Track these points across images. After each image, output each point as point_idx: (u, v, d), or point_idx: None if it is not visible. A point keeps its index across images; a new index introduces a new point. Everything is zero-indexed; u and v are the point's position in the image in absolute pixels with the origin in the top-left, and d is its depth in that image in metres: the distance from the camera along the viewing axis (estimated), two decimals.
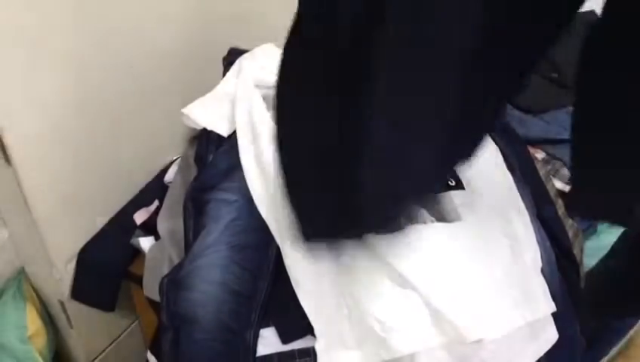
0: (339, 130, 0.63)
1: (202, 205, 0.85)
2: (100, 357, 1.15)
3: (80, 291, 1.03)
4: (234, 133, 0.93)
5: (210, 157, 0.91)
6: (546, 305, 0.77)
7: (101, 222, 1.04)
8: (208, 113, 0.96)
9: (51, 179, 0.92)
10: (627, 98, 0.62)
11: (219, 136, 0.93)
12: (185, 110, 0.96)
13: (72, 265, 1.00)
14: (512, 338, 0.74)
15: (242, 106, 0.94)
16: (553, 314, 0.78)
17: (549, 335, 0.77)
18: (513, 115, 1.24)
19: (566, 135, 1.16)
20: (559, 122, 1.23)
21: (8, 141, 0.83)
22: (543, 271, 0.80)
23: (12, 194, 0.90)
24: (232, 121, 0.94)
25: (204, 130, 0.94)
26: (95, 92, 0.95)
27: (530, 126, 1.24)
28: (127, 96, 1.01)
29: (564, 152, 1.15)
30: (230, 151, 0.90)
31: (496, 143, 0.95)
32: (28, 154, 0.87)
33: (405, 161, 0.68)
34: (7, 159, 0.85)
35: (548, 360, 0.77)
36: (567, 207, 0.95)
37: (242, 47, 1.13)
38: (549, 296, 0.78)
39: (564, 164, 1.15)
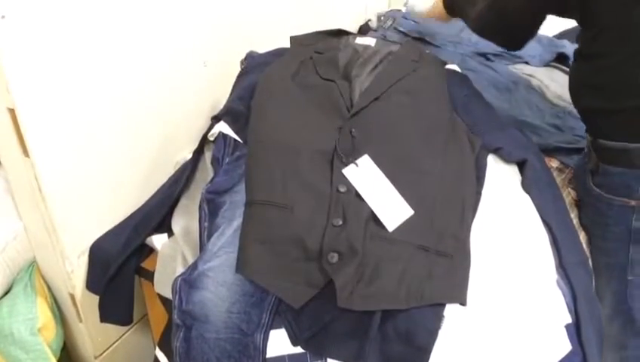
0: None
1: (217, 207, 0.86)
2: (108, 351, 1.15)
3: (92, 286, 1.03)
4: None
5: (227, 160, 0.92)
6: (561, 317, 0.77)
7: (115, 217, 1.04)
8: None
9: (68, 172, 0.92)
10: None
11: (235, 140, 0.94)
12: None
13: (84, 258, 1.01)
14: (526, 348, 0.74)
15: None
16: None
17: (562, 346, 0.77)
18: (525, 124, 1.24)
19: (579, 144, 1.16)
20: (573, 130, 1.23)
21: (27, 134, 0.84)
22: (558, 282, 0.80)
23: (28, 185, 0.90)
24: None
25: (221, 133, 0.95)
26: (114, 89, 0.95)
27: (544, 134, 1.23)
28: (145, 95, 1.02)
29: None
30: (246, 155, 0.91)
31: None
32: (46, 146, 0.87)
33: None
34: (26, 151, 0.86)
35: None
36: None
37: (259, 50, 1.14)
38: (565, 307, 0.78)
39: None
